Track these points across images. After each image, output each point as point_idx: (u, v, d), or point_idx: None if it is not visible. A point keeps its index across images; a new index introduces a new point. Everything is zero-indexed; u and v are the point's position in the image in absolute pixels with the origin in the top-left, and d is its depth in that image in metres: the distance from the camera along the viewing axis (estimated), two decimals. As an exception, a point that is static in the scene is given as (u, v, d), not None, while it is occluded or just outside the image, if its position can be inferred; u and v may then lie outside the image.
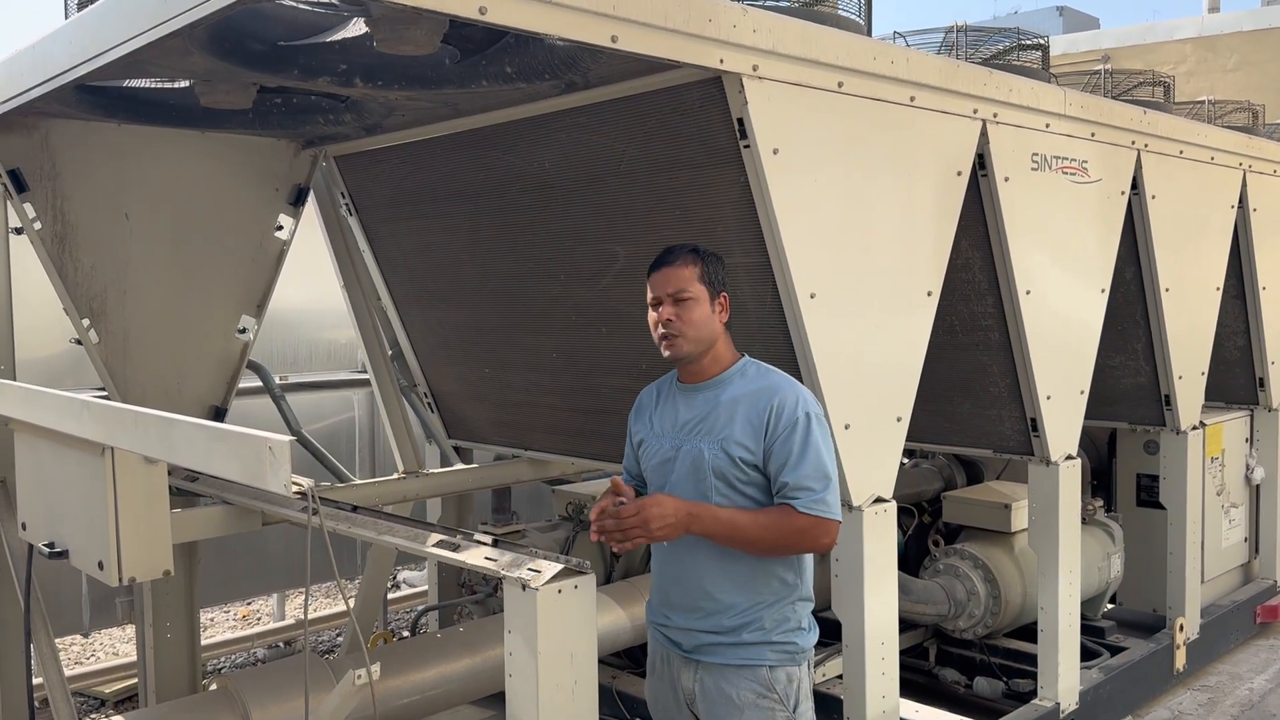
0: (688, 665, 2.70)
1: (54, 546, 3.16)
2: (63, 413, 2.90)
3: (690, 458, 2.63)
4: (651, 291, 2.66)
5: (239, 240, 4.25)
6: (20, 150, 3.64)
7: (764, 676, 2.62)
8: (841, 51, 3.15)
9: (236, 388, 4.37)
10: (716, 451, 2.59)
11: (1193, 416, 5.27)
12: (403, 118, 3.87)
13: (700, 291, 2.61)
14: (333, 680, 3.04)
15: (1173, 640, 5.19)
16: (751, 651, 2.62)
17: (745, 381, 2.66)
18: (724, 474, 2.59)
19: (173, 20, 2.43)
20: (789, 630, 2.65)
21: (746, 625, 2.61)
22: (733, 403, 2.62)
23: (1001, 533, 4.98)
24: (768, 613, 2.62)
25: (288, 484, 1.97)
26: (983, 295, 4.09)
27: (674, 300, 2.60)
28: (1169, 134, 4.82)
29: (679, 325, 2.60)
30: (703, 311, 2.61)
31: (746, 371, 2.69)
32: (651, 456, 2.74)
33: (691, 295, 2.60)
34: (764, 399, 2.60)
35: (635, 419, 2.86)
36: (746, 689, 2.61)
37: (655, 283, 2.64)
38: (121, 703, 5.57)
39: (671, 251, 2.66)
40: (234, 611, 7.23)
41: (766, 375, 2.68)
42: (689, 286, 2.60)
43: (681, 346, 2.61)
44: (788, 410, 2.57)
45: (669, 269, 2.62)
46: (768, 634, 2.62)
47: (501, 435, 4.81)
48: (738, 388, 2.65)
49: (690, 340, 2.61)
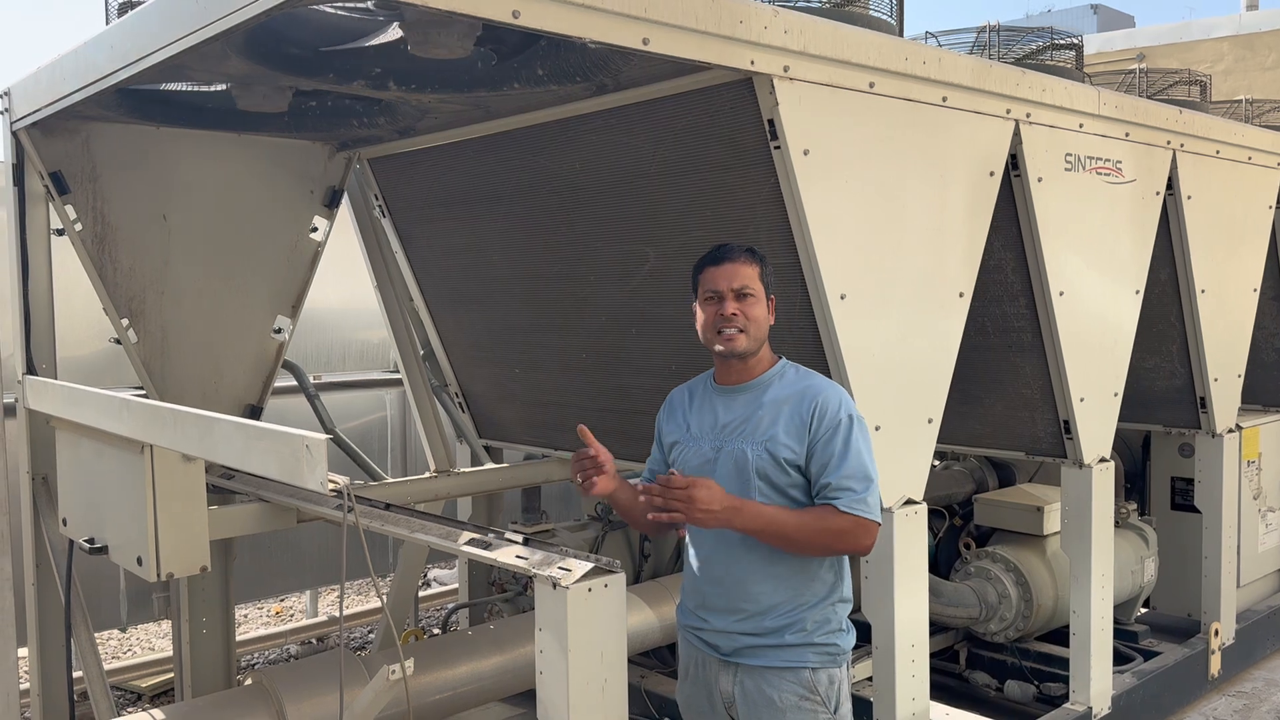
0: (726, 668, 2.67)
1: (94, 542, 3.22)
2: (103, 411, 2.96)
3: (732, 459, 2.62)
4: (709, 286, 2.61)
5: (274, 242, 4.31)
6: (62, 153, 3.71)
7: (806, 678, 2.60)
8: (873, 52, 3.15)
9: (272, 387, 4.42)
10: (760, 452, 2.58)
11: (1229, 419, 5.21)
12: (435, 120, 3.91)
13: (760, 290, 2.61)
14: (366, 676, 3.07)
15: (1207, 645, 5.13)
16: (794, 653, 2.60)
17: (786, 384, 2.65)
18: (767, 475, 2.58)
19: (211, 25, 2.47)
20: (830, 632, 2.64)
21: (788, 626, 2.60)
22: (775, 404, 2.61)
23: (1034, 536, 4.94)
24: (809, 614, 2.61)
25: (324, 482, 2.00)
26: (1015, 296, 4.06)
27: (737, 295, 2.58)
28: (1205, 134, 4.77)
29: (743, 320, 2.58)
30: (762, 309, 2.61)
31: (786, 374, 2.68)
32: (690, 458, 2.71)
33: (753, 292, 2.59)
34: (807, 400, 2.59)
35: (667, 419, 2.84)
36: (789, 691, 2.59)
37: (716, 277, 2.60)
38: (158, 697, 5.65)
39: (731, 248, 2.63)
40: (267, 608, 7.31)
41: (808, 377, 2.68)
42: (752, 284, 2.59)
43: (742, 342, 2.59)
44: (830, 412, 2.57)
45: (731, 264, 2.59)
46: (809, 635, 2.61)
47: (531, 435, 4.84)
48: (779, 389, 2.64)
49: (751, 337, 2.60)
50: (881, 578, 3.35)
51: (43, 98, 3.43)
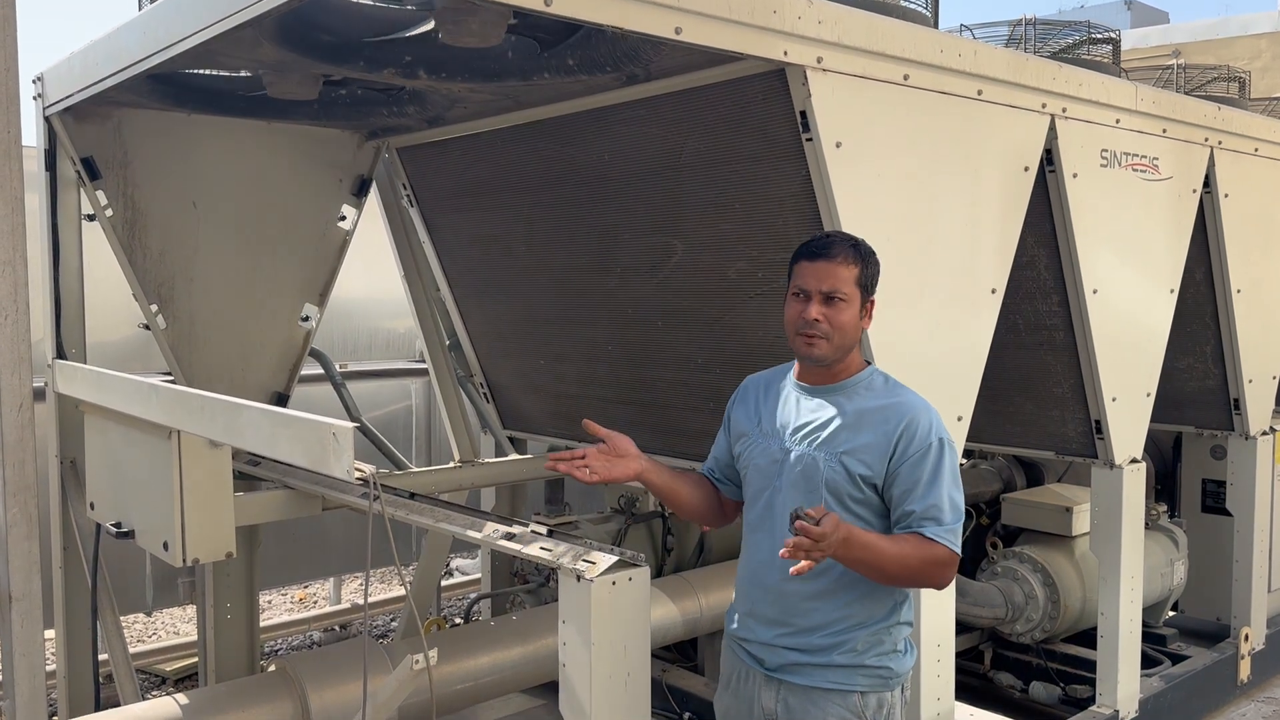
0: (770, 684, 2.51)
1: (121, 526, 3.24)
2: (131, 396, 2.97)
3: (802, 465, 2.45)
4: (800, 281, 2.44)
5: (303, 230, 4.31)
6: (94, 139, 3.73)
7: (854, 703, 2.45)
8: (908, 44, 3.11)
9: (299, 375, 4.43)
10: (834, 464, 2.41)
11: (1263, 421, 5.13)
12: (464, 110, 3.90)
13: (854, 294, 2.42)
14: (389, 664, 3.08)
15: (1237, 650, 5.07)
16: (841, 675, 2.45)
17: (873, 394, 2.48)
18: (838, 489, 2.41)
19: (243, 11, 2.47)
20: (883, 654, 2.48)
21: (838, 646, 2.44)
22: (858, 415, 2.44)
23: (1062, 536, 4.89)
24: (862, 634, 2.45)
25: (350, 469, 2.00)
26: (1048, 293, 4.01)
27: (825, 298, 2.40)
28: (1244, 131, 4.70)
29: (825, 327, 2.41)
30: (852, 315, 2.43)
31: (874, 383, 2.51)
32: (756, 455, 2.55)
33: (845, 297, 2.41)
34: (894, 417, 2.41)
35: (738, 408, 2.67)
36: (834, 713, 2.45)
37: (808, 274, 2.43)
38: (181, 681, 5.70)
39: (832, 243, 2.45)
40: (291, 594, 7.36)
41: (897, 391, 2.49)
42: (844, 288, 2.41)
43: (822, 348, 2.43)
44: (920, 433, 2.39)
45: (828, 263, 2.41)
46: (860, 656, 2.45)
47: (555, 426, 4.83)
48: (864, 400, 2.47)
49: (834, 345, 2.43)
50: (908, 576, 3.31)
51: (75, 83, 3.45)
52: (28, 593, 3.59)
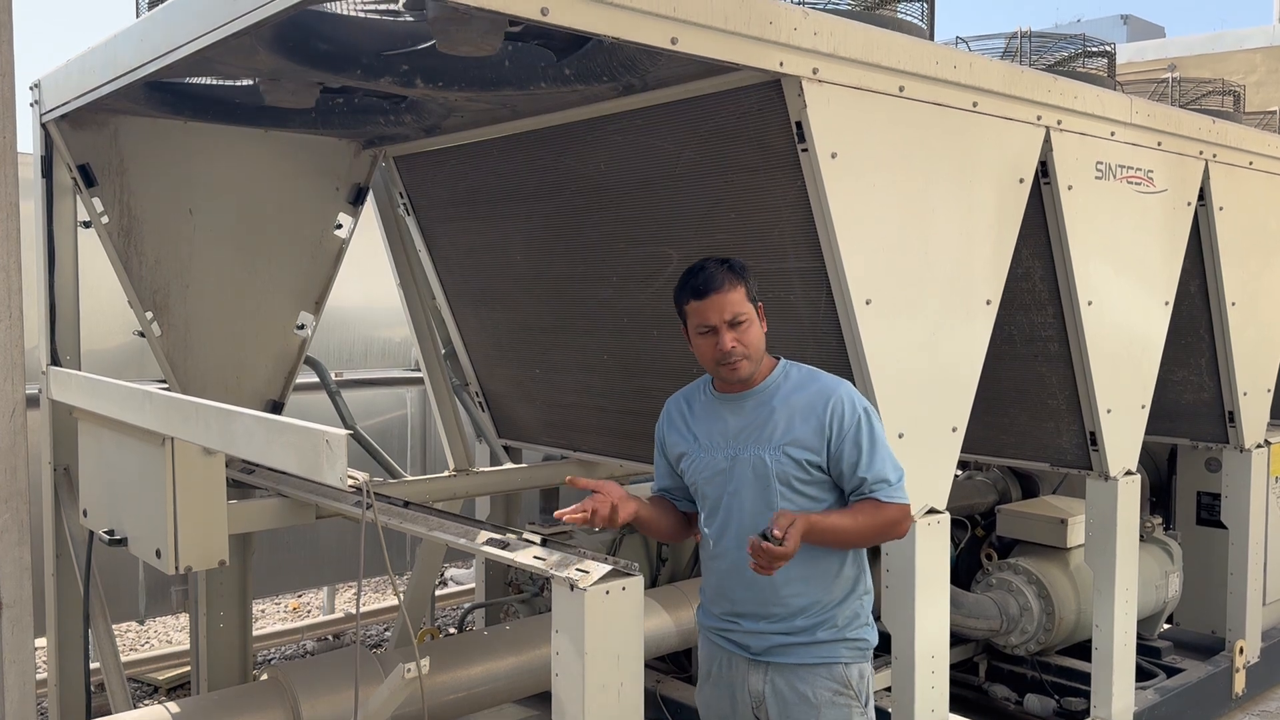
0: (756, 667, 2.68)
1: (114, 534, 3.23)
2: (125, 403, 2.97)
3: (750, 465, 2.63)
4: (700, 320, 2.60)
5: (299, 238, 4.31)
6: (90, 146, 3.72)
7: (840, 674, 2.65)
8: (903, 55, 3.12)
9: (294, 383, 4.43)
10: (779, 457, 2.60)
11: (1257, 434, 5.14)
12: (461, 119, 3.90)
13: (750, 310, 2.61)
14: (381, 674, 3.07)
15: (1232, 663, 5.06)
16: (826, 650, 2.64)
17: (792, 385, 2.67)
18: (787, 478, 2.60)
19: (241, 19, 2.48)
20: (859, 626, 2.69)
21: (821, 624, 2.64)
22: (787, 407, 2.63)
23: (1057, 548, 4.89)
24: (839, 610, 2.66)
25: (344, 477, 1.99)
26: (1043, 305, 4.02)
27: (731, 325, 2.58)
28: (1239, 144, 4.71)
29: (741, 349, 2.59)
30: (756, 328, 2.63)
31: (790, 374, 2.69)
32: (701, 469, 2.71)
33: (745, 317, 2.59)
34: (820, 401, 2.62)
35: (669, 431, 2.82)
36: (823, 687, 2.63)
37: (706, 310, 2.58)
38: (173, 690, 5.67)
39: (712, 276, 2.59)
40: (285, 603, 7.33)
41: (814, 377, 2.69)
42: (742, 309, 2.59)
43: (745, 368, 2.62)
44: (847, 410, 2.60)
45: (719, 295, 2.57)
46: (841, 631, 2.66)
47: (551, 436, 4.83)
48: (787, 391, 2.66)
49: (754, 361, 2.63)
50: (903, 588, 3.31)
51: (72, 90, 3.45)
52: (19, 600, 3.57)
